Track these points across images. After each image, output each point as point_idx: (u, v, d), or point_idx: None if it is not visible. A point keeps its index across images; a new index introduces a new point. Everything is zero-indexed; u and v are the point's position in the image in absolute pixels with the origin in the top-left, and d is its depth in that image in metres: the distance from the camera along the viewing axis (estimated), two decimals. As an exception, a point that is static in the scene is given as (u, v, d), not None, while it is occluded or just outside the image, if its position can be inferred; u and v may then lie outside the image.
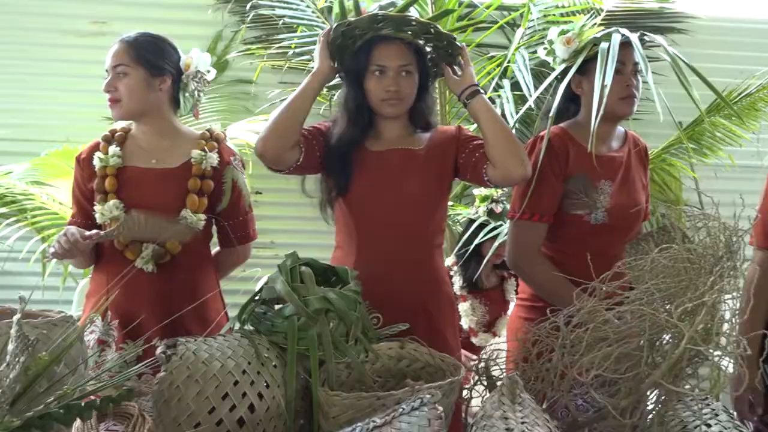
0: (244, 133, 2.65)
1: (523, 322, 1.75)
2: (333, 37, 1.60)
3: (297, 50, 2.81)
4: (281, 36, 2.90)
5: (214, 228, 1.80)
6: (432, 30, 1.61)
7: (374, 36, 1.59)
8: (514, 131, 2.39)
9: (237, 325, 1.31)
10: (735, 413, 1.55)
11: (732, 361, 1.07)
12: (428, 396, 1.03)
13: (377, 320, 1.41)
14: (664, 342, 1.17)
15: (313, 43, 2.52)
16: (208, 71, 1.78)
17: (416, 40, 1.63)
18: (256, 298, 1.32)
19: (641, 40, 1.65)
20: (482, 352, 2.55)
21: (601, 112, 1.54)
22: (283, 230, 3.12)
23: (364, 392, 1.18)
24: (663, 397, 1.16)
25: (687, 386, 1.16)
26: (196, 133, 1.77)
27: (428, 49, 1.67)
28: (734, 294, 1.15)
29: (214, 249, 1.84)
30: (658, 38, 1.68)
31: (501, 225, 2.47)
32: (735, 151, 3.00)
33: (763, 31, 3.47)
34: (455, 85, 1.67)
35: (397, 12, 1.60)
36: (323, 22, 2.69)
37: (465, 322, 2.56)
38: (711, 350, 1.08)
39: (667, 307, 1.19)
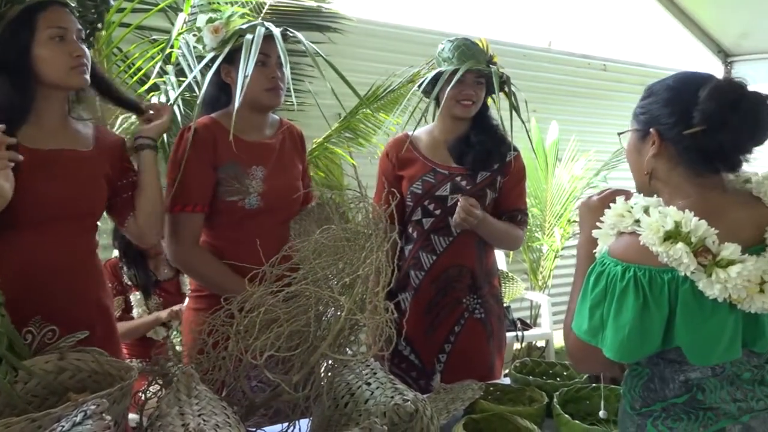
0: None
1: (196, 314, 1.74)
2: None
3: None
4: None
5: None
6: None
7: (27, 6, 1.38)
8: (179, 117, 2.33)
9: None
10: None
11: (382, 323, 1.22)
12: (93, 407, 0.95)
13: (53, 334, 1.35)
14: (330, 315, 1.28)
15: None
16: None
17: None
18: None
19: (285, 35, 1.70)
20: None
21: (239, 103, 1.57)
22: None
23: (15, 417, 1.03)
24: (331, 366, 1.27)
25: (350, 352, 1.28)
26: None
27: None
28: (382, 265, 1.31)
29: None
30: (299, 35, 1.73)
31: None
32: (386, 139, 3.39)
33: (403, 35, 4.02)
34: (142, 122, 1.65)
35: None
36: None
37: (136, 313, 2.45)
38: (366, 317, 1.22)
39: (330, 282, 1.30)
